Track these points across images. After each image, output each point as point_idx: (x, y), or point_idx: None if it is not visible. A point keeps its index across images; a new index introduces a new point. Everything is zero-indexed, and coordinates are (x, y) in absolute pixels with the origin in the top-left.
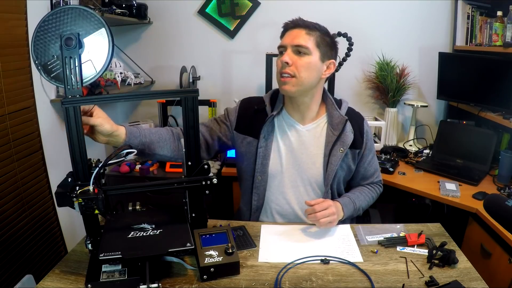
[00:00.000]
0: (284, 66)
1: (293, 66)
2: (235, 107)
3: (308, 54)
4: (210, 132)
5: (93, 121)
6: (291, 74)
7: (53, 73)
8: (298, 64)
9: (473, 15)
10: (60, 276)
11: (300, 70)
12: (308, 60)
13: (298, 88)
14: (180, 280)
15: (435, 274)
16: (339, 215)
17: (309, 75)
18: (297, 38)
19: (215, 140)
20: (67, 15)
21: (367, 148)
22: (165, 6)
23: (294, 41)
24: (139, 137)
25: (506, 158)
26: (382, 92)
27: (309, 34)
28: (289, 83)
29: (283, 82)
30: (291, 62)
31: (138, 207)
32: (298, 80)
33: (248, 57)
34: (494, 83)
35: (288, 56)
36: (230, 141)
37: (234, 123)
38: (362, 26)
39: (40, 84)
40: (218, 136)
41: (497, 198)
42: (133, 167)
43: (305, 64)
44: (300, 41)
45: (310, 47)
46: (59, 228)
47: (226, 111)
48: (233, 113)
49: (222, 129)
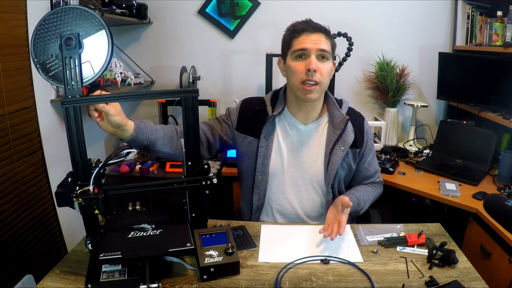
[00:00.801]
0: (312, 74)
1: (319, 73)
2: (236, 107)
3: (328, 59)
4: (211, 131)
5: (107, 108)
6: (316, 82)
7: (51, 72)
8: (323, 70)
9: (473, 15)
10: (60, 276)
11: (324, 76)
12: (329, 65)
13: (320, 94)
14: (180, 280)
15: (435, 274)
16: None
17: (328, 81)
18: (320, 43)
19: (216, 139)
20: (68, 15)
21: (367, 147)
22: (165, 6)
23: (319, 46)
24: (146, 133)
25: (506, 158)
26: (382, 92)
27: (327, 38)
28: (314, 91)
29: (308, 90)
30: (317, 68)
31: (138, 207)
32: (321, 86)
33: (248, 57)
34: (494, 83)
35: (315, 62)
36: (231, 140)
37: (235, 123)
38: (362, 26)
39: (40, 84)
40: (219, 135)
41: (497, 198)
42: (133, 167)
43: (328, 70)
44: (324, 46)
45: (330, 52)
46: (59, 228)
47: (228, 110)
48: (234, 112)
49: (224, 128)
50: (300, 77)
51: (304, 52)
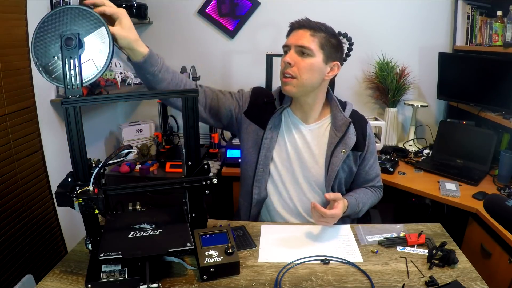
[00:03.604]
0: (287, 66)
1: (295, 67)
2: (248, 91)
3: (311, 56)
4: (217, 97)
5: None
6: (292, 75)
7: (54, 74)
8: (301, 65)
9: (473, 15)
10: (60, 276)
11: (302, 71)
12: (310, 61)
13: (299, 89)
14: (180, 280)
15: (435, 274)
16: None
17: (311, 77)
18: (301, 39)
19: (227, 110)
20: (67, 15)
21: (369, 151)
22: (165, 6)
23: (298, 42)
24: (156, 67)
25: (506, 158)
26: (382, 92)
27: (313, 35)
28: (290, 84)
29: (285, 82)
30: (293, 63)
31: (138, 207)
32: (299, 81)
33: (248, 57)
34: (494, 83)
35: (290, 56)
36: (236, 121)
37: (246, 107)
38: (362, 26)
39: (40, 84)
40: (230, 108)
41: (497, 198)
42: (133, 167)
43: (307, 66)
44: (304, 42)
45: (313, 49)
46: (59, 228)
47: (241, 92)
48: (247, 97)
49: (234, 104)
50: (281, 70)
51: (287, 48)
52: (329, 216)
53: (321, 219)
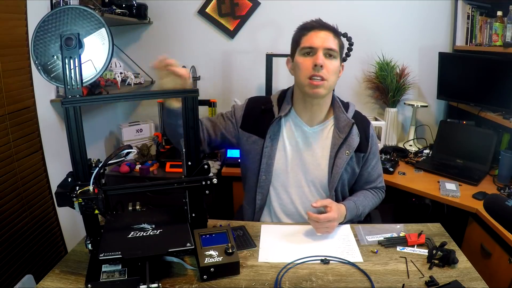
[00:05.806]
0: (318, 69)
1: (325, 70)
2: (242, 105)
3: (335, 58)
4: (214, 127)
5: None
6: (323, 78)
7: (53, 73)
8: (330, 68)
9: (473, 15)
10: (60, 276)
11: (331, 73)
12: (336, 64)
13: (327, 91)
14: (180, 280)
15: (435, 274)
16: (339, 220)
17: (335, 79)
18: (327, 41)
19: (217, 136)
20: (67, 15)
21: (371, 152)
22: (165, 6)
23: (326, 44)
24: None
25: (506, 158)
26: (382, 92)
27: (335, 37)
28: (322, 86)
29: (315, 85)
30: (324, 65)
31: (138, 207)
32: (328, 83)
33: (248, 57)
34: (494, 83)
35: (322, 59)
36: (234, 138)
37: (240, 121)
38: (362, 26)
39: (40, 84)
40: (221, 132)
41: (497, 198)
42: (133, 167)
43: (334, 68)
44: (332, 45)
45: (338, 51)
46: (59, 228)
47: (233, 108)
48: (240, 111)
49: (227, 126)
50: (307, 72)
51: (311, 49)
52: (324, 220)
53: (319, 226)
